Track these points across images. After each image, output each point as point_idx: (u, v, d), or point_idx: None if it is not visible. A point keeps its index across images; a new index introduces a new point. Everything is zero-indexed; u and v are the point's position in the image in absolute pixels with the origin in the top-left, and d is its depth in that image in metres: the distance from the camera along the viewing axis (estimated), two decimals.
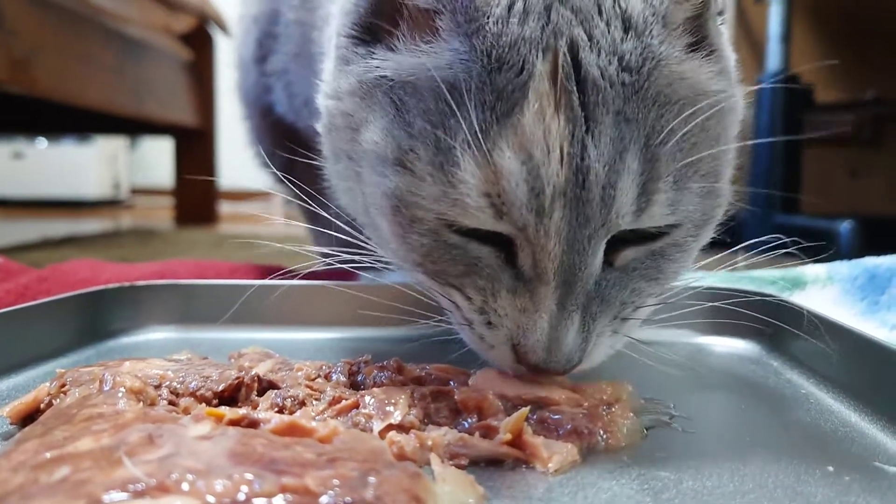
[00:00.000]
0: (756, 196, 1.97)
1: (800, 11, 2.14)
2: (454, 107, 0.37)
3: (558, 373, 0.40)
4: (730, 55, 0.45)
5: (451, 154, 0.38)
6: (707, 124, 0.40)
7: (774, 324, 0.57)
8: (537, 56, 0.37)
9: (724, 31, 0.46)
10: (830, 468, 0.36)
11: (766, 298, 0.59)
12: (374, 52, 0.43)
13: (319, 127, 0.49)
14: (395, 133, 0.40)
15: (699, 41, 0.42)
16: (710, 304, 0.61)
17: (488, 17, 0.38)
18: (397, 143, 0.40)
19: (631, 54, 0.38)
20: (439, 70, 0.39)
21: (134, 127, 2.85)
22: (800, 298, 0.69)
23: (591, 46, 0.38)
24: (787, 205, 1.94)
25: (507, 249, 0.40)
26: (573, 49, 0.38)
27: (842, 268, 0.71)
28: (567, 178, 0.37)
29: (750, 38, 2.35)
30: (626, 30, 0.38)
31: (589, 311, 0.40)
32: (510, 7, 0.38)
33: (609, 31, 0.38)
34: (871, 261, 0.70)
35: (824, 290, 0.70)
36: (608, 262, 0.40)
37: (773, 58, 1.99)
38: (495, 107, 0.37)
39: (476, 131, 0.37)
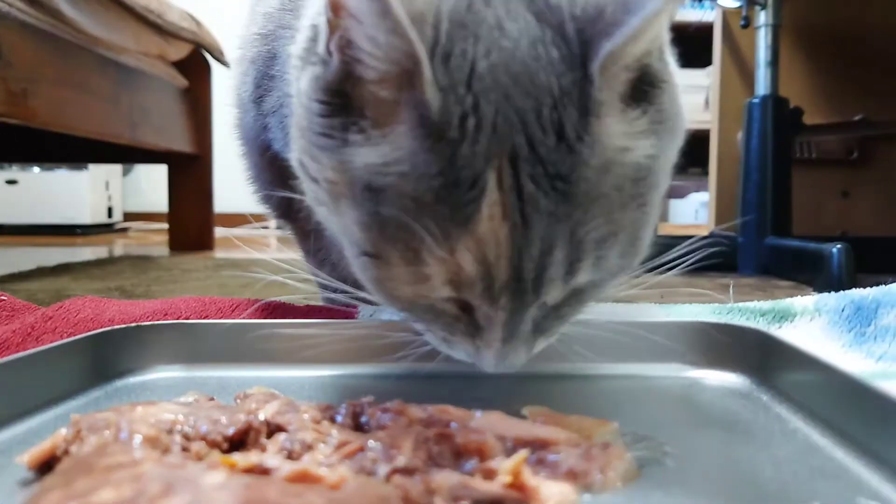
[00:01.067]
0: (747, 220, 2.00)
1: (788, 35, 2.18)
2: (417, 219, 0.43)
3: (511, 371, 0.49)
4: (673, 81, 0.50)
5: (418, 255, 0.45)
6: (632, 196, 0.46)
7: (764, 358, 0.59)
8: (486, 170, 0.42)
9: (670, 59, 0.50)
10: None
11: (755, 333, 0.61)
12: (348, 136, 0.46)
13: (294, 162, 0.53)
14: (371, 232, 0.46)
15: (639, 95, 0.47)
16: (702, 337, 0.64)
17: (444, 135, 0.42)
18: (372, 241, 0.46)
19: (562, 163, 0.43)
20: (404, 179, 0.44)
21: (129, 155, 2.87)
22: (788, 331, 0.72)
23: (529, 157, 0.43)
24: (777, 227, 1.96)
25: (465, 305, 0.48)
26: (514, 160, 0.43)
27: (829, 299, 0.73)
28: (509, 276, 0.44)
29: (738, 61, 2.38)
30: (558, 139, 0.43)
31: (529, 339, 0.49)
32: (463, 124, 0.42)
33: (545, 140, 0.43)
34: (857, 292, 0.72)
35: (812, 322, 0.72)
36: (543, 303, 0.48)
37: (762, 81, 2.03)
38: (454, 217, 0.43)
39: (439, 239, 0.43)
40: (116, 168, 4.19)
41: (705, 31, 2.60)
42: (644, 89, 0.47)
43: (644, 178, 0.46)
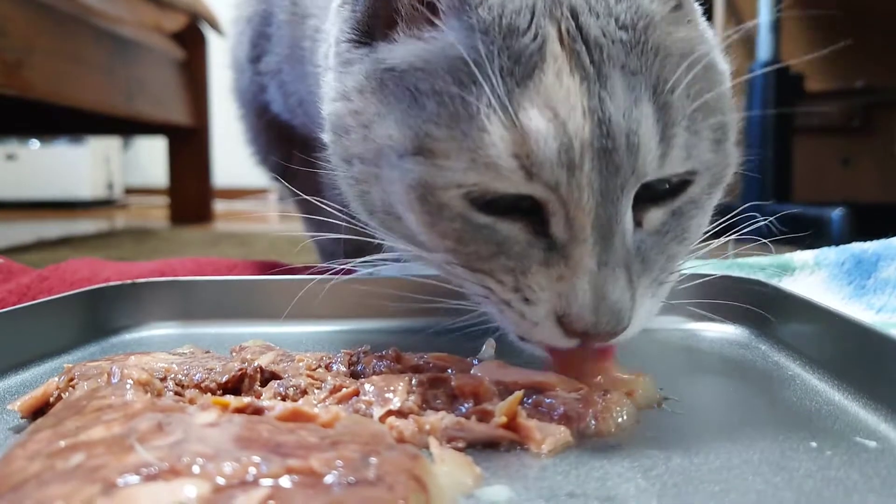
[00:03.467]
0: (748, 185, 1.99)
1: (789, 0, 2.16)
2: (475, 75, 0.38)
3: (611, 335, 0.40)
4: (707, 28, 0.48)
5: (475, 121, 0.39)
6: (706, 76, 0.42)
7: (763, 308, 0.59)
8: (544, 21, 0.39)
9: (698, 8, 0.48)
10: (813, 444, 0.37)
11: (756, 284, 0.61)
12: (376, 49, 0.44)
13: (326, 136, 0.49)
14: (411, 121, 0.41)
15: (678, 6, 0.44)
16: (702, 290, 0.63)
17: None
18: (414, 132, 0.41)
19: (625, 14, 0.40)
20: (449, 48, 0.40)
21: (127, 127, 2.86)
22: (788, 284, 0.71)
23: (588, 10, 0.40)
24: (779, 193, 1.96)
25: (537, 221, 0.40)
26: (573, 14, 0.40)
27: (829, 253, 0.72)
28: (592, 131, 0.38)
29: (739, 26, 2.36)
30: None
31: (632, 270, 0.40)
32: None
33: None
34: (857, 246, 0.71)
35: (812, 275, 0.71)
36: (637, 223, 0.41)
37: (764, 47, 2.01)
38: (514, 71, 0.39)
39: (500, 95, 0.38)
40: (116, 143, 4.18)
41: None
42: (682, 5, 0.45)
43: (711, 69, 0.43)
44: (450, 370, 0.44)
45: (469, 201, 0.40)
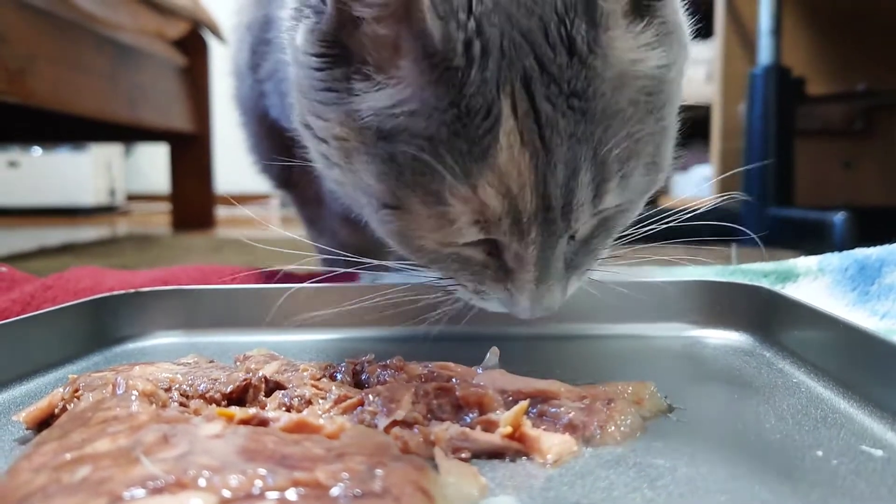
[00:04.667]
0: (750, 189, 1.99)
1: (790, 4, 2.16)
2: (435, 158, 0.42)
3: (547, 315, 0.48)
4: (675, 4, 0.49)
5: (439, 197, 0.43)
6: (649, 110, 0.45)
7: (767, 315, 0.58)
8: (498, 97, 0.41)
9: None
10: (819, 453, 0.37)
11: (759, 290, 0.61)
12: (353, 85, 0.45)
13: (297, 124, 0.52)
14: (389, 182, 0.45)
15: (642, 9, 0.45)
16: (705, 296, 0.63)
17: (450, 64, 0.41)
18: (392, 192, 0.45)
19: (577, 80, 0.41)
20: (415, 117, 0.42)
21: (129, 134, 2.86)
22: (792, 290, 0.71)
23: (542, 77, 0.41)
24: (780, 197, 1.95)
25: (492, 246, 0.47)
26: (526, 83, 0.41)
27: (833, 259, 0.72)
28: (537, 205, 0.43)
29: (741, 32, 2.36)
30: (570, 54, 0.41)
31: (563, 278, 0.47)
32: (468, 50, 0.40)
33: (556, 58, 0.41)
34: (861, 252, 0.71)
35: (816, 281, 0.71)
36: (571, 237, 0.47)
37: (764, 51, 2.01)
38: (471, 151, 0.41)
39: (459, 176, 0.42)
40: (118, 149, 4.18)
41: (707, 2, 2.57)
42: (645, 3, 0.45)
43: (659, 91, 0.45)
44: (454, 379, 0.44)
45: (442, 244, 0.47)
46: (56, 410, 0.41)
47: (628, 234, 0.52)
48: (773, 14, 1.98)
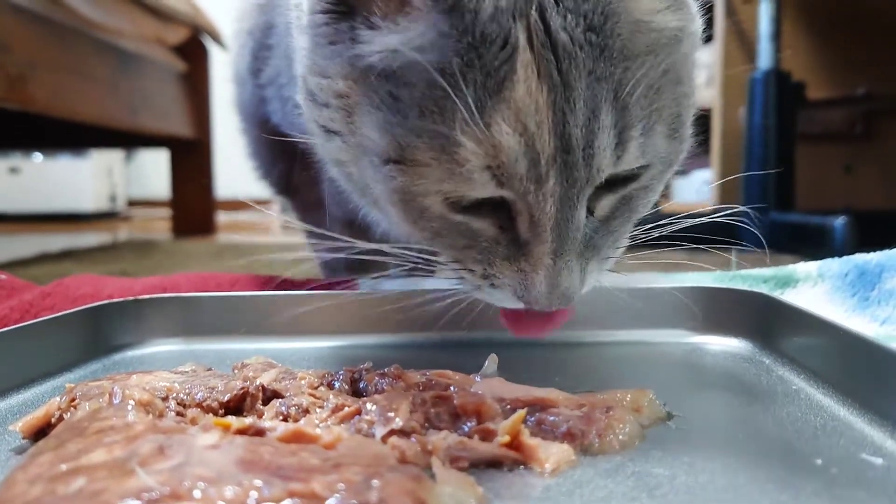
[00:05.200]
0: (750, 193, 1.99)
1: (789, 9, 2.16)
2: (448, 90, 0.39)
3: (559, 307, 0.45)
4: None
5: (451, 136, 0.40)
6: (669, 69, 0.44)
7: (766, 321, 0.58)
8: (515, 26, 0.39)
9: None
10: (819, 461, 0.37)
11: (758, 297, 0.61)
12: (358, 33, 0.43)
13: (301, 98, 0.50)
14: (393, 130, 0.42)
15: None
16: (705, 303, 0.63)
17: None
18: (397, 141, 0.42)
19: (594, 13, 0.40)
20: (425, 53, 0.40)
21: (130, 140, 2.86)
22: (791, 296, 0.71)
23: (557, 10, 0.40)
24: (781, 202, 1.95)
25: (504, 217, 0.44)
26: (542, 14, 0.40)
27: (832, 265, 0.72)
28: (556, 146, 0.40)
29: (740, 36, 2.36)
30: None
31: (582, 257, 0.44)
32: None
33: None
34: (860, 257, 0.71)
35: (815, 287, 0.71)
36: (590, 211, 0.44)
37: (764, 55, 2.01)
38: (486, 83, 0.39)
39: (472, 111, 0.39)
40: (119, 155, 4.19)
41: (706, 7, 2.57)
42: None
43: (676, 53, 0.44)
44: (452, 388, 0.43)
45: (447, 205, 0.43)
46: (53, 420, 0.41)
47: (634, 234, 0.51)
48: (772, 18, 1.99)
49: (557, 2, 0.40)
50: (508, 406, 0.41)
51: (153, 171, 4.23)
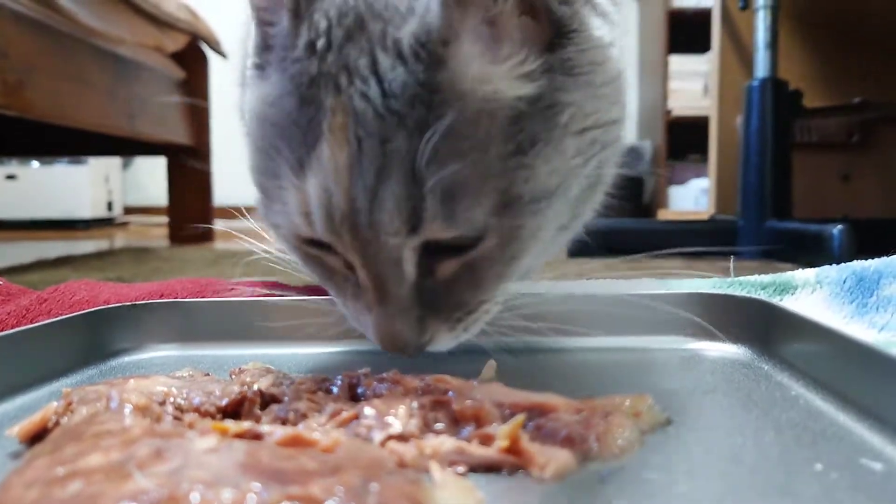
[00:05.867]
0: (748, 202, 1.99)
1: (786, 18, 2.17)
2: (279, 140, 0.43)
3: (411, 354, 0.47)
4: (594, 36, 0.48)
5: (281, 183, 0.44)
6: (503, 143, 0.42)
7: (765, 328, 0.58)
8: (328, 91, 0.42)
9: (592, 18, 0.48)
10: (819, 466, 0.37)
11: (757, 303, 0.61)
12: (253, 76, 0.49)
13: None
14: (255, 163, 0.47)
15: (530, 37, 0.44)
16: (703, 309, 0.63)
17: (297, 54, 0.43)
18: (257, 173, 0.47)
19: (396, 81, 0.41)
20: (270, 106, 0.44)
21: (127, 147, 2.86)
22: (790, 303, 0.71)
23: (362, 78, 0.41)
24: (778, 210, 1.96)
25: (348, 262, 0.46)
26: (350, 79, 0.41)
27: (830, 271, 0.72)
28: (348, 207, 0.42)
29: (737, 45, 2.37)
30: (397, 57, 0.41)
31: (413, 312, 0.45)
32: (313, 44, 0.43)
33: (384, 57, 0.41)
34: (858, 264, 0.71)
35: (814, 294, 0.71)
36: (429, 272, 0.45)
37: (761, 64, 2.02)
38: (305, 140, 0.42)
39: (293, 163, 0.43)
40: (116, 162, 4.19)
41: (703, 16, 2.58)
42: (542, 34, 0.45)
43: (522, 126, 0.43)
44: (451, 393, 0.43)
45: (299, 240, 0.46)
46: (49, 424, 0.40)
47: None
48: (769, 27, 1.99)
49: (372, 64, 0.41)
50: (507, 411, 0.41)
51: (150, 177, 4.23)
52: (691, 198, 3.64)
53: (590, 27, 0.48)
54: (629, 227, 2.30)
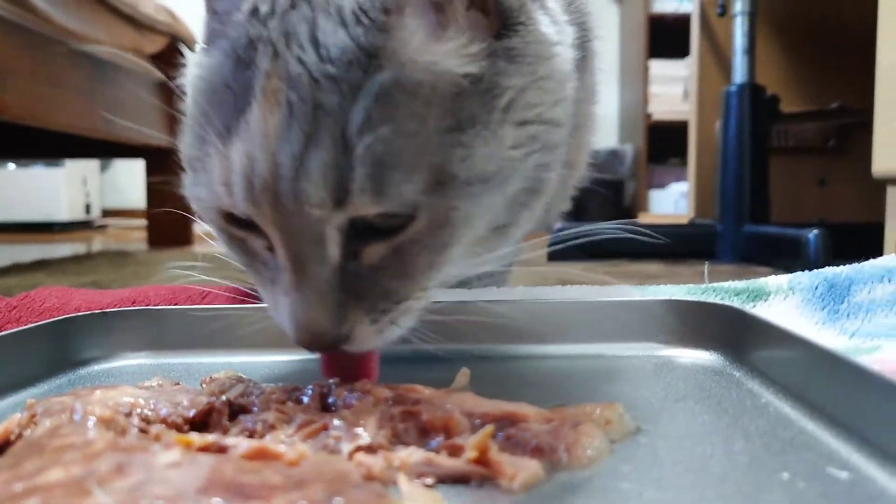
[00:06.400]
0: (726, 206, 2.01)
1: (764, 23, 2.19)
2: (209, 106, 0.42)
3: (323, 350, 0.45)
4: (542, 31, 0.47)
5: (208, 148, 0.42)
6: (441, 118, 0.41)
7: (736, 335, 0.59)
8: (263, 53, 0.41)
9: (543, 16, 0.48)
10: (786, 475, 0.37)
11: (729, 310, 0.61)
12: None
13: None
14: (185, 137, 0.46)
15: (476, 24, 0.44)
16: (676, 315, 0.63)
17: (239, 18, 0.42)
18: (186, 146, 0.45)
19: (336, 45, 0.40)
20: (207, 74, 0.43)
21: (105, 149, 2.83)
22: (763, 309, 0.71)
23: (300, 41, 0.40)
24: (756, 214, 1.97)
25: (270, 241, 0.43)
26: (287, 42, 0.40)
27: (803, 278, 0.73)
28: (270, 174, 0.39)
29: (716, 51, 2.39)
30: (338, 23, 0.40)
31: (337, 300, 0.42)
32: (257, 9, 0.42)
33: (325, 22, 0.40)
34: (830, 270, 0.72)
35: (786, 300, 0.71)
36: (354, 256, 0.42)
37: (739, 69, 2.03)
38: (236, 104, 0.41)
39: (220, 128, 0.41)
40: (94, 164, 4.15)
41: (683, 21, 2.60)
42: (488, 23, 0.45)
43: (462, 104, 0.42)
44: (421, 402, 0.43)
45: (221, 215, 0.44)
46: (12, 437, 0.40)
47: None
48: (746, 33, 2.01)
49: (311, 29, 0.41)
50: (478, 421, 0.41)
51: (128, 180, 4.20)
52: (671, 202, 3.66)
53: (538, 23, 0.47)
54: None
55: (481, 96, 0.43)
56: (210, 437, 0.35)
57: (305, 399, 0.45)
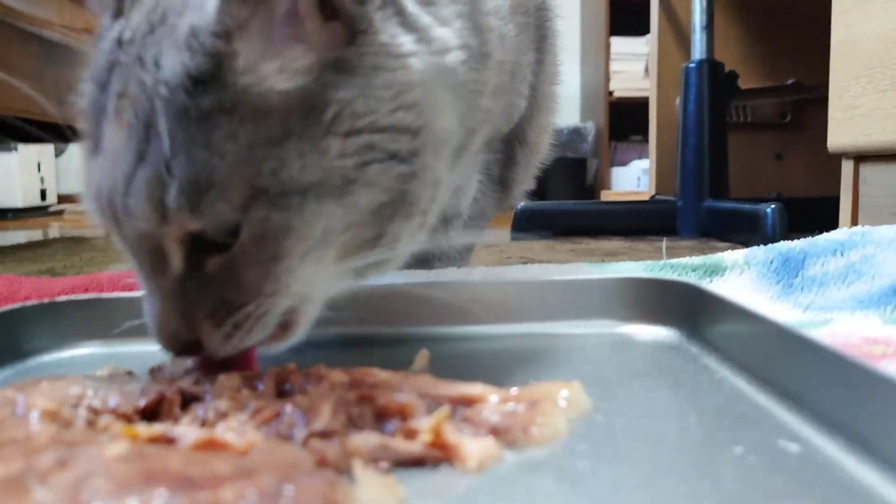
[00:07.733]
0: (686, 182, 2.03)
1: (722, 1, 2.21)
2: (84, 124, 0.45)
3: (181, 353, 0.46)
4: (383, 41, 0.46)
5: (86, 164, 0.45)
6: (241, 129, 0.42)
7: (692, 310, 0.59)
8: (120, 78, 0.43)
9: (394, 25, 0.47)
10: (738, 449, 0.37)
11: (685, 286, 0.62)
12: None
13: None
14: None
15: (317, 37, 0.44)
16: (633, 292, 0.64)
17: (105, 46, 0.45)
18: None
19: (169, 70, 0.41)
20: (83, 95, 0.46)
21: (59, 133, 2.76)
22: (719, 284, 0.72)
23: (150, 64, 0.42)
24: (715, 190, 2.00)
25: None
26: (139, 67, 0.42)
27: (758, 252, 0.74)
28: (109, 189, 0.42)
29: (675, 28, 2.40)
30: (176, 47, 0.42)
31: (181, 307, 0.44)
32: (120, 38, 0.44)
33: (167, 48, 0.42)
34: (785, 244, 0.73)
35: (742, 275, 0.72)
36: (200, 266, 0.44)
37: (698, 46, 2.05)
38: (98, 123, 0.44)
39: (91, 147, 0.44)
40: (48, 149, 4.04)
41: None
42: (329, 33, 0.44)
43: (278, 120, 0.42)
44: (377, 386, 0.43)
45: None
46: None
47: None
48: (705, 10, 2.02)
49: (151, 56, 0.42)
50: (434, 403, 0.41)
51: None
52: (633, 179, 3.69)
53: (380, 32, 0.46)
54: (572, 209, 2.33)
55: (301, 110, 0.43)
56: (158, 428, 0.34)
57: (260, 386, 0.44)
